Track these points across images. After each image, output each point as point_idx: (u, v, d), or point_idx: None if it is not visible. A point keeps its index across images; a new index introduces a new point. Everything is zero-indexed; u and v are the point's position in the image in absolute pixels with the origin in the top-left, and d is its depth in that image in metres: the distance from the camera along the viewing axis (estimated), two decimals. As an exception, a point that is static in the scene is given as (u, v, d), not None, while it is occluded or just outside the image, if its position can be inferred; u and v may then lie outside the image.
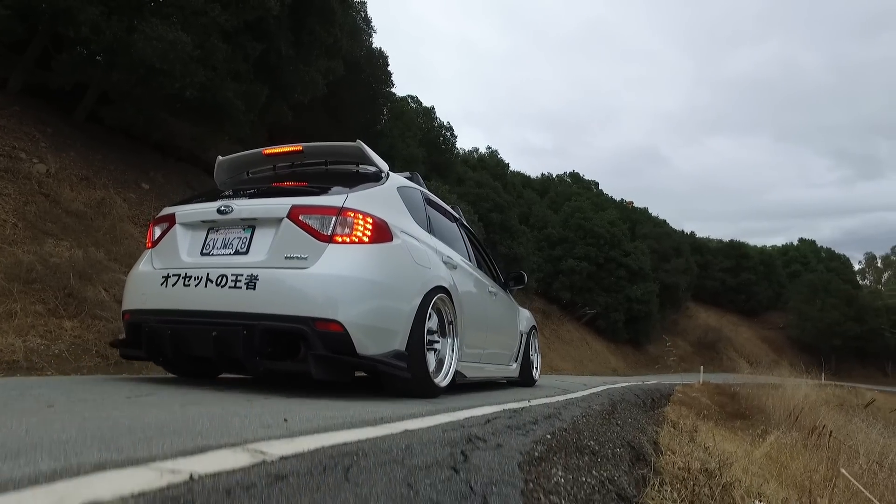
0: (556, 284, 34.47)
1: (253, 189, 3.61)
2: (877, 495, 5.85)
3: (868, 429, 14.27)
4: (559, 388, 6.06)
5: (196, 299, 3.13)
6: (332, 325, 2.90)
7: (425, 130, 27.30)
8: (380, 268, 3.15)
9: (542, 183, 47.99)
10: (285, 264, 3.06)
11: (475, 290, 4.53)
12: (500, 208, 29.34)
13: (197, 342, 3.12)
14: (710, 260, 49.54)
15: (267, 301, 2.97)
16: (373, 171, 3.90)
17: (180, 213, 3.53)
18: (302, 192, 3.36)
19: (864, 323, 46.35)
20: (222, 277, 3.08)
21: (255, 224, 3.27)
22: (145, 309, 3.37)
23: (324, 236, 3.07)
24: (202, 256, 3.34)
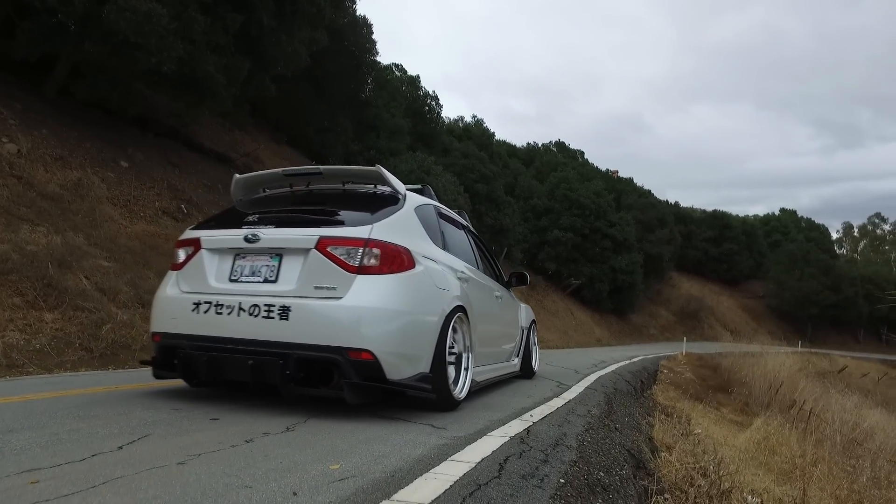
0: (542, 255, 34.53)
1: (278, 216, 3.63)
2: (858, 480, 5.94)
3: (843, 399, 14.64)
4: (554, 382, 6.03)
5: (230, 327, 3.26)
6: (364, 354, 3.06)
7: (410, 100, 26.79)
8: (406, 297, 3.29)
9: (527, 152, 47.64)
10: (315, 294, 3.18)
11: (485, 300, 4.72)
12: (486, 179, 29.10)
13: (233, 369, 3.25)
14: (694, 230, 49.91)
15: (300, 331, 3.11)
16: (390, 193, 3.95)
17: (206, 238, 3.62)
18: (328, 221, 3.46)
19: (840, 292, 47.29)
20: (255, 307, 3.21)
21: (282, 253, 3.37)
22: (178, 333, 3.48)
23: (352, 267, 3.19)
24: (231, 283, 3.45)
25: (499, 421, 3.36)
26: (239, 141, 15.90)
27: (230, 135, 15.74)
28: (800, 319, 47.71)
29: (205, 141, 13.78)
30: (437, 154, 26.99)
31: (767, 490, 4.64)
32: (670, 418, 6.39)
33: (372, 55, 20.24)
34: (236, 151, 14.88)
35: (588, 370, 8.28)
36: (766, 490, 4.61)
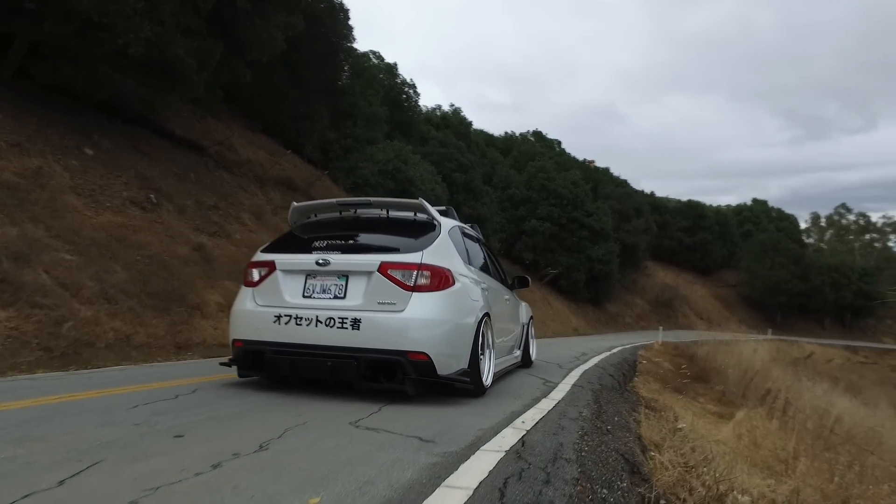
0: (519, 245, 34.51)
1: (343, 243, 4.36)
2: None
3: (814, 386, 14.88)
4: (540, 379, 5.90)
5: (309, 336, 4.02)
6: (421, 356, 3.87)
7: (388, 88, 26.34)
8: (450, 309, 4.10)
9: (505, 141, 47.45)
10: (380, 308, 3.97)
11: (499, 305, 5.55)
12: (464, 168, 28.87)
13: (313, 369, 4.05)
14: (669, 220, 50.41)
15: (370, 339, 3.91)
16: (427, 220, 4.71)
17: (280, 261, 4.32)
18: (386, 249, 4.28)
19: (808, 280, 48.34)
20: (330, 320, 3.98)
21: (348, 274, 4.12)
22: (262, 340, 4.22)
23: (408, 286, 3.98)
24: (304, 299, 4.17)
25: (490, 430, 3.18)
26: (212, 128, 15.39)
27: (202, 122, 15.22)
28: (770, 307, 48.69)
29: (176, 128, 13.28)
30: (415, 143, 26.65)
31: (756, 487, 4.58)
32: (655, 413, 6.33)
33: (349, 42, 19.77)
34: (209, 139, 14.38)
35: (571, 364, 8.21)
36: (755, 487, 4.56)
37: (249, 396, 4.07)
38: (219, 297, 9.00)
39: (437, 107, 38.17)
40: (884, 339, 55.20)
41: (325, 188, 19.24)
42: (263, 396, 4.14)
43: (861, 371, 38.69)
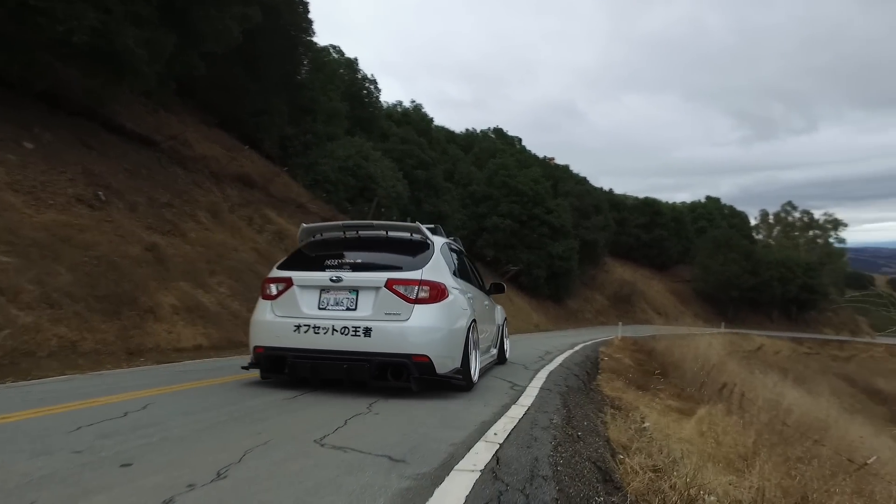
0: (480, 242, 34.53)
1: (353, 262, 4.96)
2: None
3: (765, 378, 15.31)
4: (507, 382, 5.82)
5: (327, 343, 4.62)
6: (423, 358, 4.52)
7: (348, 83, 25.93)
8: (445, 318, 4.74)
9: (466, 138, 47.42)
10: (387, 318, 4.60)
11: (481, 310, 6.11)
12: (426, 165, 28.68)
13: (331, 370, 4.71)
14: (627, 217, 51.33)
15: (379, 344, 4.54)
16: (421, 239, 5.34)
17: (297, 277, 4.91)
18: (390, 267, 4.90)
19: (758, 275, 50.02)
20: (345, 328, 4.60)
21: (358, 289, 4.73)
22: (282, 347, 4.78)
23: (411, 299, 4.63)
24: (320, 311, 4.76)
25: (462, 445, 3.05)
26: (165, 123, 14.78)
27: (155, 116, 14.60)
28: (722, 301, 50.19)
29: (126, 122, 12.68)
30: (376, 139, 26.33)
31: (721, 486, 4.61)
32: (620, 412, 6.34)
33: (308, 35, 19.32)
34: (162, 134, 13.80)
35: (536, 364, 8.18)
36: (720, 486, 4.59)
37: (206, 413, 3.85)
38: (173, 298, 8.62)
39: (398, 103, 37.88)
40: (825, 330, 57.68)
41: (284, 185, 18.78)
42: (223, 411, 3.92)
43: (806, 361, 40.36)
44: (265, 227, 14.92)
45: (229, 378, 5.64)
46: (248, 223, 14.40)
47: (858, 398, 30.32)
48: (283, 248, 15.11)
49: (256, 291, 5.41)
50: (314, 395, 4.63)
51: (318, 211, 19.47)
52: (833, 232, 68.08)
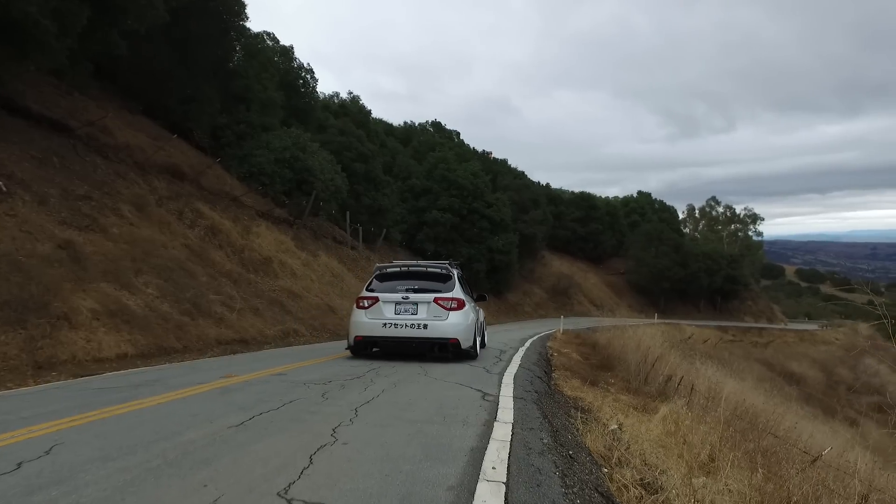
0: (420, 236, 34.16)
1: (415, 287, 8.65)
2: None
3: (704, 368, 15.68)
4: (476, 391, 5.55)
5: (402, 333, 8.26)
6: (455, 340, 8.21)
7: (283, 72, 24.84)
8: (465, 319, 8.44)
9: (404, 132, 46.85)
10: (435, 319, 8.26)
11: (478, 312, 9.84)
12: (364, 158, 27.99)
13: (405, 347, 8.41)
14: (563, 211, 52.25)
15: (432, 333, 8.20)
16: (446, 272, 9.01)
17: (382, 297, 8.50)
18: (434, 290, 8.55)
19: (687, 267, 52.11)
20: (413, 325, 8.25)
21: (417, 303, 8.34)
22: (374, 336, 8.43)
23: (447, 308, 8.28)
24: (396, 315, 8.34)
25: (462, 488, 2.58)
26: (80, 107, 13.49)
27: (68, 99, 13.30)
28: (654, 293, 51.96)
29: (33, 104, 11.43)
30: (313, 130, 25.41)
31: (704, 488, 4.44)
32: (586, 415, 6.15)
33: (241, 20, 18.26)
34: (77, 119, 12.57)
35: (496, 366, 8.03)
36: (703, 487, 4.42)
37: (132, 456, 3.14)
38: (93, 302, 7.73)
39: (335, 94, 36.87)
40: (745, 318, 60.89)
41: (216, 177, 17.70)
42: (154, 450, 3.26)
43: (731, 348, 42.38)
44: (197, 222, 13.94)
45: (161, 398, 5.03)
46: (179, 217, 13.40)
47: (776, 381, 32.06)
48: (216, 243, 14.16)
49: (189, 291, 6.60)
50: (267, 418, 4.29)
51: (254, 204, 18.49)
52: (752, 225, 71.93)
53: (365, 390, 5.52)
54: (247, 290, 13.15)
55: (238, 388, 5.69)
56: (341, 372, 6.97)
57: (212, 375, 6.60)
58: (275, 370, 7.18)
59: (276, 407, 4.68)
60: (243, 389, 5.63)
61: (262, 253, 16.06)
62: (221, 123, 19.23)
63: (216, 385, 5.93)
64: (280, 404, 4.79)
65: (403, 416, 4.34)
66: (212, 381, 6.18)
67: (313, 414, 4.45)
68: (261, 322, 12.00)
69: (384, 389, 5.60)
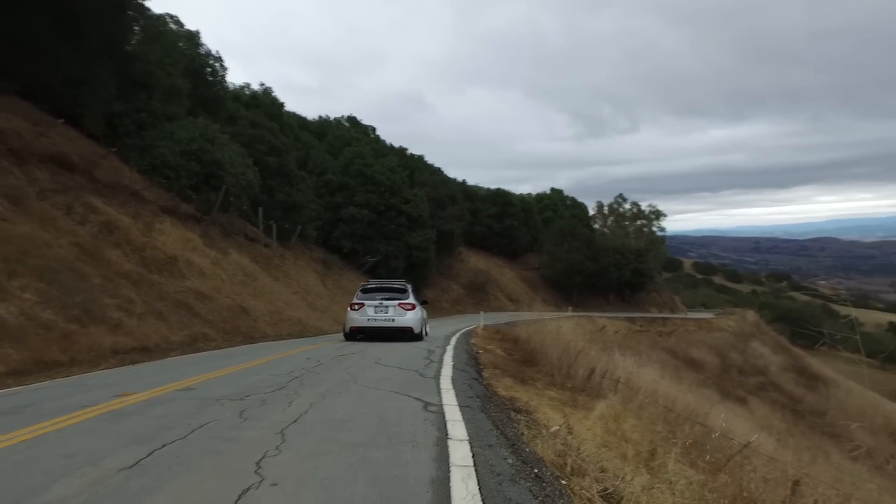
0: (337, 233, 33.34)
1: (386, 296, 13.70)
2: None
3: (623, 360, 16.17)
4: (417, 400, 5.17)
5: (379, 325, 13.44)
6: (409, 328, 13.53)
7: (189, 58, 23.27)
8: (417, 315, 13.83)
9: (319, 126, 45.53)
10: (398, 316, 13.50)
11: (423, 311, 14.85)
12: (278, 151, 26.86)
13: (381, 333, 13.45)
14: (480, 207, 52.77)
15: (397, 324, 13.46)
16: (405, 287, 14.43)
17: (367, 303, 13.57)
18: (397, 298, 13.74)
19: (598, 262, 54.17)
20: (386, 319, 13.45)
21: (388, 306, 13.50)
22: (363, 327, 13.52)
23: (406, 309, 13.55)
24: (375, 314, 13.45)
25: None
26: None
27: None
28: (567, 287, 53.65)
29: None
30: (223, 122, 24.02)
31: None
32: (525, 417, 5.99)
33: (138, -3, 16.80)
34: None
35: (428, 369, 7.70)
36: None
37: None
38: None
39: (246, 85, 35.19)
40: (651, 309, 64.29)
41: (113, 168, 16.21)
42: None
43: (639, 338, 44.52)
44: (89, 218, 12.65)
45: (29, 431, 3.97)
46: (67, 212, 12.09)
47: (679, 367, 34.00)
48: (113, 241, 12.91)
49: (79, 295, 5.89)
50: (172, 452, 3.48)
51: (157, 199, 17.14)
52: (656, 221, 75.92)
53: (290, 405, 4.95)
54: (149, 292, 12.07)
55: (135, 412, 4.81)
56: (260, 383, 6.32)
57: (103, 395, 5.62)
58: (182, 383, 6.35)
59: (184, 435, 3.91)
60: (142, 412, 4.75)
61: (167, 251, 14.88)
62: (119, 111, 17.64)
63: (107, 408, 4.96)
64: (188, 430, 4.02)
65: (341, 439, 3.80)
66: (102, 402, 5.23)
67: (231, 442, 3.75)
68: (165, 327, 11.03)
69: (312, 403, 5.06)
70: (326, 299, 26.23)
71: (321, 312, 23.52)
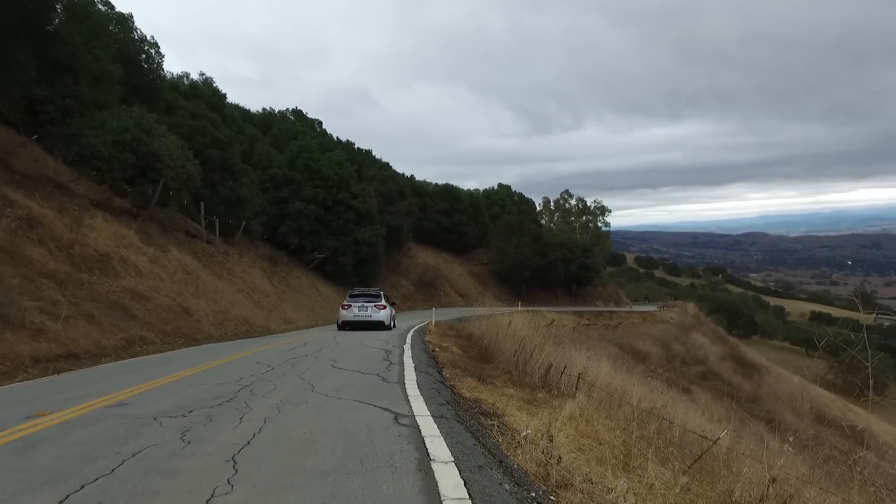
0: (283, 228, 32.30)
1: (366, 300, 19.17)
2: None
3: (578, 354, 16.13)
4: (386, 410, 4.69)
5: (361, 320, 18.62)
6: (382, 321, 18.71)
7: (122, 43, 21.83)
8: (388, 312, 19.07)
9: (263, 118, 44.04)
10: (375, 313, 18.82)
11: (392, 309, 19.89)
12: (220, 144, 25.66)
13: (363, 325, 18.62)
14: (428, 202, 52.37)
15: (375, 319, 18.70)
16: (378, 293, 20.20)
17: (353, 304, 18.91)
18: (375, 301, 19.23)
19: (546, 257, 54.75)
20: (366, 316, 18.69)
21: (368, 307, 18.92)
22: (350, 320, 18.60)
23: (380, 308, 18.88)
24: (359, 312, 18.72)
25: None
26: None
27: None
28: (516, 282, 54.01)
29: None
30: (160, 112, 22.71)
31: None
32: (496, 422, 5.69)
33: (61, -27, 15.48)
34: None
35: (388, 371, 7.21)
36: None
37: None
38: None
39: (186, 74, 33.61)
40: (597, 302, 65.64)
41: (34, 158, 14.94)
42: None
43: (587, 332, 45.28)
44: (5, 212, 11.53)
45: None
46: (-21, 207, 10.94)
47: (627, 360, 34.74)
48: (35, 238, 11.81)
49: None
50: (93, 496, 2.82)
51: (87, 192, 15.94)
52: (601, 217, 77.60)
53: (241, 422, 4.28)
54: (78, 292, 11.09)
55: (50, 438, 3.94)
56: (205, 394, 5.61)
57: (12, 416, 4.71)
58: (112, 397, 5.49)
59: (111, 468, 3.19)
60: (59, 439, 3.89)
61: (99, 249, 13.80)
62: (41, 96, 16.27)
63: (14, 434, 4.09)
64: (117, 462, 3.30)
65: (305, 466, 3.19)
66: (9, 426, 4.34)
67: (171, 477, 3.04)
68: (97, 330, 10.13)
69: (267, 418, 4.42)
70: (273, 297, 25.28)
71: (268, 311, 22.61)
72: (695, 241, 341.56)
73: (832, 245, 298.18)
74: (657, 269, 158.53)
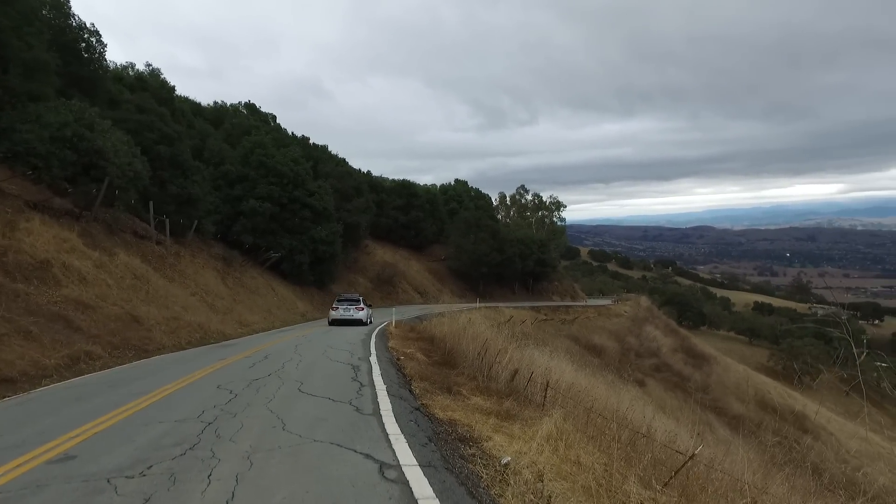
0: (237, 227, 31.29)
1: (348, 303, 25.23)
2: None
3: (541, 355, 16.05)
4: (368, 457, 4.23)
5: (345, 318, 24.37)
6: (361, 320, 24.46)
7: (57, 30, 20.48)
8: (366, 312, 25.10)
9: (215, 112, 42.54)
10: (356, 313, 24.75)
11: (369, 309, 26.02)
12: (170, 140, 24.55)
13: (346, 322, 24.25)
14: (385, 199, 51.82)
15: (354, 317, 24.44)
16: (359, 297, 26.41)
17: (340, 306, 24.89)
18: (356, 304, 25.21)
19: (504, 252, 55.03)
20: (349, 315, 24.50)
21: (350, 308, 24.89)
22: (337, 318, 24.37)
23: (359, 309, 24.82)
24: (343, 312, 24.57)
25: None
26: None
27: None
28: (474, 278, 54.09)
29: None
30: (103, 105, 21.51)
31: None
32: (473, 448, 5.39)
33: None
34: None
35: (360, 398, 6.79)
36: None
37: None
38: None
39: (131, 65, 32.02)
40: (554, 297, 66.48)
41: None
42: None
43: (544, 327, 45.70)
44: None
45: None
46: None
47: (583, 354, 35.18)
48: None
49: None
50: None
51: (21, 193, 14.87)
52: (556, 212, 78.56)
53: (209, 482, 3.78)
54: (12, 306, 10.26)
55: None
56: (164, 437, 4.98)
57: None
58: (56, 445, 4.64)
59: None
60: None
61: (36, 255, 12.87)
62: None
63: None
64: None
65: None
66: None
67: None
68: (35, 348, 9.37)
69: (238, 475, 3.93)
70: (228, 300, 24.38)
71: (223, 314, 21.76)
72: (646, 234, 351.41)
73: (773, 238, 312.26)
74: (610, 263, 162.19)
